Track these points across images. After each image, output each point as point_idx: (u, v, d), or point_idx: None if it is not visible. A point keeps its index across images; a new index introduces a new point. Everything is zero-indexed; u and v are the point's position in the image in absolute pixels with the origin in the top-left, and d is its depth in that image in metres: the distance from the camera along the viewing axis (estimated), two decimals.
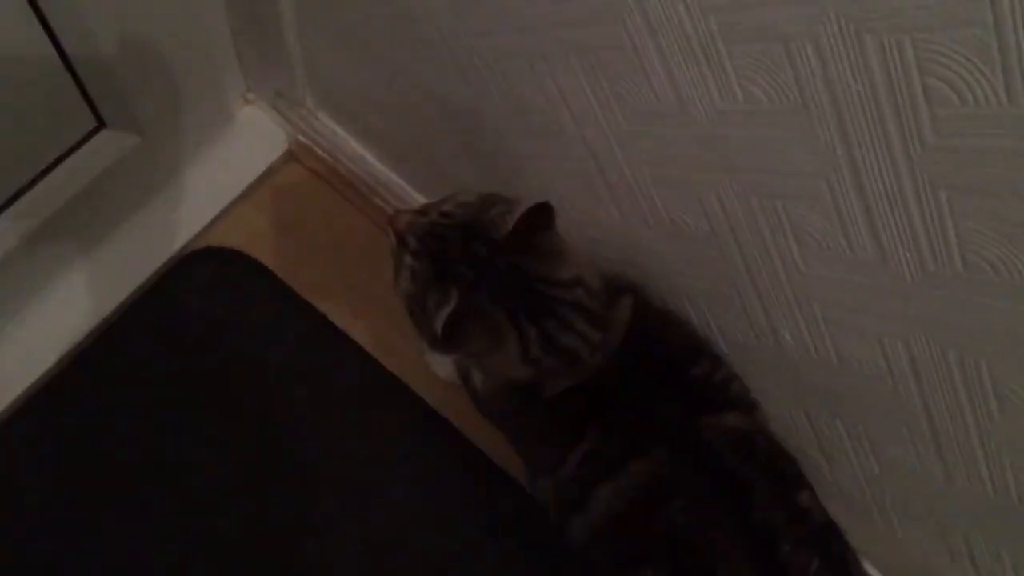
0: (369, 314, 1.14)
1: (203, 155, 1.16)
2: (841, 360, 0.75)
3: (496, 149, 0.91)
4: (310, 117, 1.15)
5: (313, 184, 1.21)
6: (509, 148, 0.89)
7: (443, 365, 1.09)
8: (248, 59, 1.12)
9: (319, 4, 0.93)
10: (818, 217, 0.64)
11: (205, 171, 1.16)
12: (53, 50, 0.87)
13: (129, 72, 0.93)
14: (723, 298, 0.81)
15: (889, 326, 0.68)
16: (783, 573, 0.75)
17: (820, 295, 0.71)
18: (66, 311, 1.06)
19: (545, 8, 0.67)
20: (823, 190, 0.61)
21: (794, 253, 0.69)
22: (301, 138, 1.18)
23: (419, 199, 1.11)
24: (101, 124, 1.01)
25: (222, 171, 1.17)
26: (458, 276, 0.74)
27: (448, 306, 0.73)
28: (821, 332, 0.74)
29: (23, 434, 1.03)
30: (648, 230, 0.81)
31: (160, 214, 1.13)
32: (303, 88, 1.11)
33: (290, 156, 1.22)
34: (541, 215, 0.73)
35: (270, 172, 1.20)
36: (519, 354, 0.76)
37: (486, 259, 0.74)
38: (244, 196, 1.18)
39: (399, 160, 1.12)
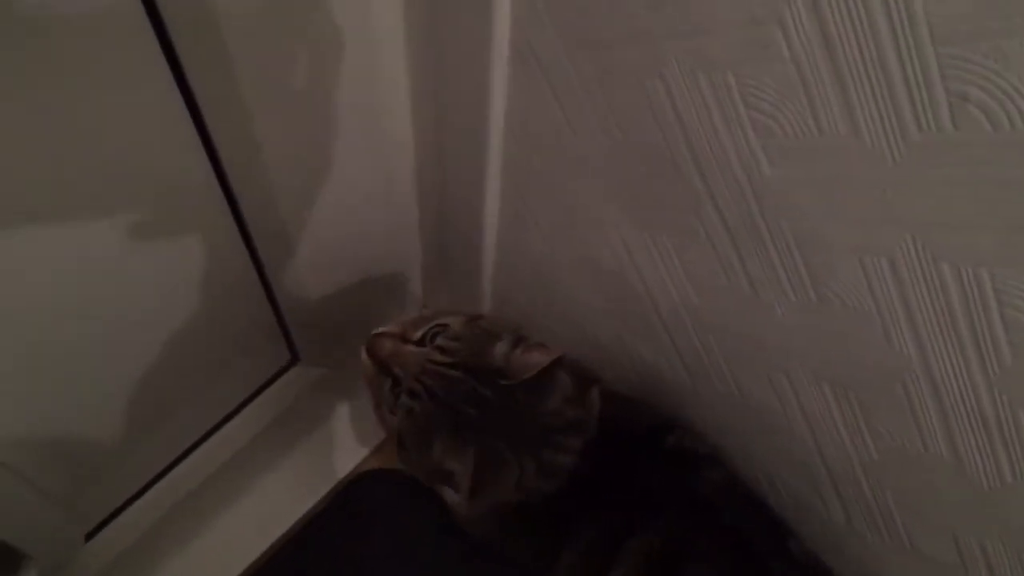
0: None
1: None
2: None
3: (697, 414, 0.87)
4: None
5: None
6: (716, 422, 0.85)
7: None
8: (432, 284, 1.11)
9: (524, 266, 0.93)
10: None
11: None
12: (267, 302, 0.92)
13: (327, 316, 0.97)
14: None
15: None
16: None
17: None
18: (234, 540, 1.04)
19: (803, 342, 0.65)
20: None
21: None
22: None
23: None
24: (295, 359, 1.05)
25: None
26: (469, 425, 0.72)
27: (467, 459, 0.71)
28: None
29: None
30: (882, 543, 0.77)
31: (328, 437, 1.11)
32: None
33: None
34: (556, 366, 0.73)
35: None
36: (514, 485, 0.75)
37: (492, 401, 0.72)
38: None
39: None
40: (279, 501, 1.05)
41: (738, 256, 0.64)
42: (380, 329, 0.78)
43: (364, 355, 0.77)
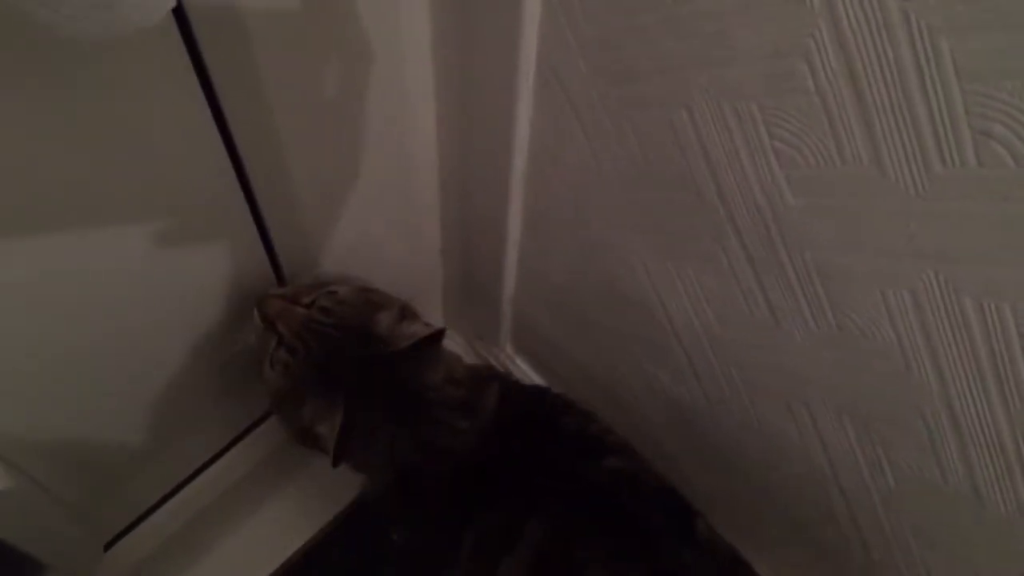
0: None
1: None
2: None
3: (715, 442, 0.88)
4: (507, 360, 1.15)
5: None
6: (731, 449, 0.86)
7: None
8: (452, 305, 1.12)
9: (544, 288, 0.94)
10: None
11: None
12: None
13: None
14: None
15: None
16: None
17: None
18: (250, 553, 1.05)
19: (823, 371, 0.66)
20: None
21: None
22: None
23: None
24: None
25: None
26: (341, 385, 0.72)
27: (335, 419, 0.71)
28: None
29: None
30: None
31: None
32: (505, 337, 1.10)
33: None
34: (435, 338, 0.73)
35: None
36: (388, 455, 0.75)
37: (369, 366, 0.72)
38: None
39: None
40: (296, 515, 1.06)
41: (759, 284, 0.64)
42: (273, 291, 0.79)
43: (255, 314, 0.78)
